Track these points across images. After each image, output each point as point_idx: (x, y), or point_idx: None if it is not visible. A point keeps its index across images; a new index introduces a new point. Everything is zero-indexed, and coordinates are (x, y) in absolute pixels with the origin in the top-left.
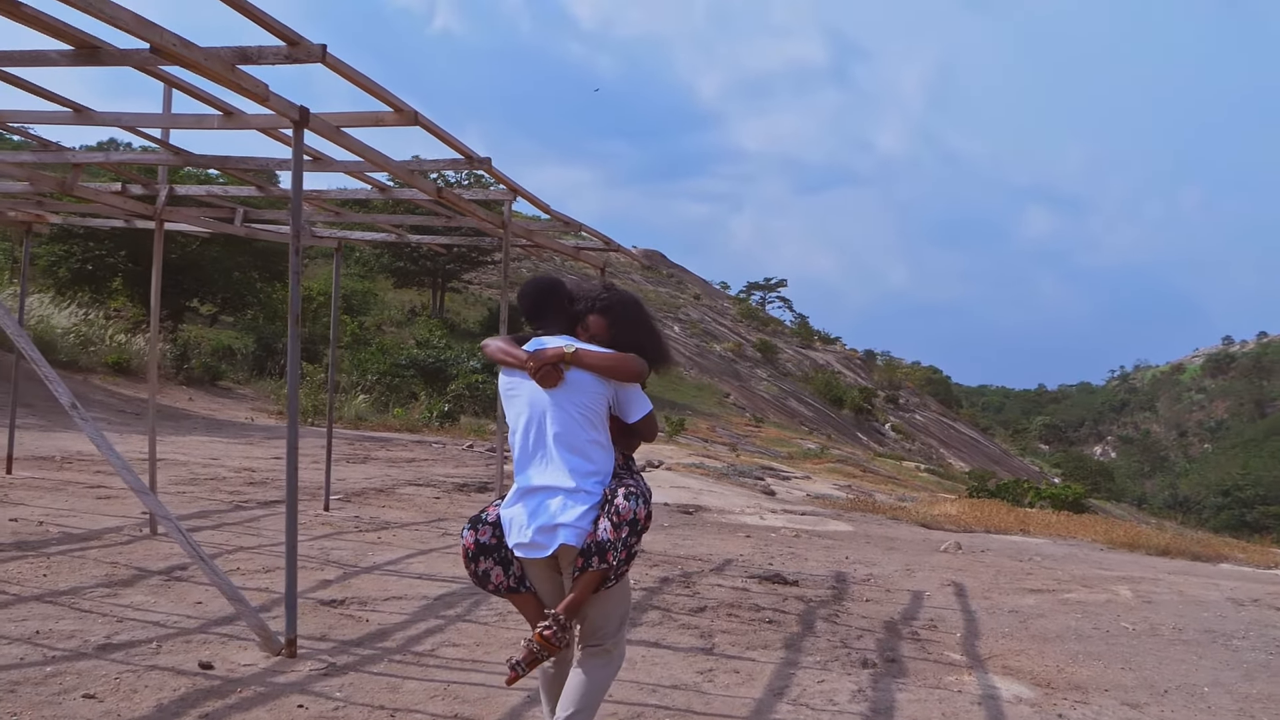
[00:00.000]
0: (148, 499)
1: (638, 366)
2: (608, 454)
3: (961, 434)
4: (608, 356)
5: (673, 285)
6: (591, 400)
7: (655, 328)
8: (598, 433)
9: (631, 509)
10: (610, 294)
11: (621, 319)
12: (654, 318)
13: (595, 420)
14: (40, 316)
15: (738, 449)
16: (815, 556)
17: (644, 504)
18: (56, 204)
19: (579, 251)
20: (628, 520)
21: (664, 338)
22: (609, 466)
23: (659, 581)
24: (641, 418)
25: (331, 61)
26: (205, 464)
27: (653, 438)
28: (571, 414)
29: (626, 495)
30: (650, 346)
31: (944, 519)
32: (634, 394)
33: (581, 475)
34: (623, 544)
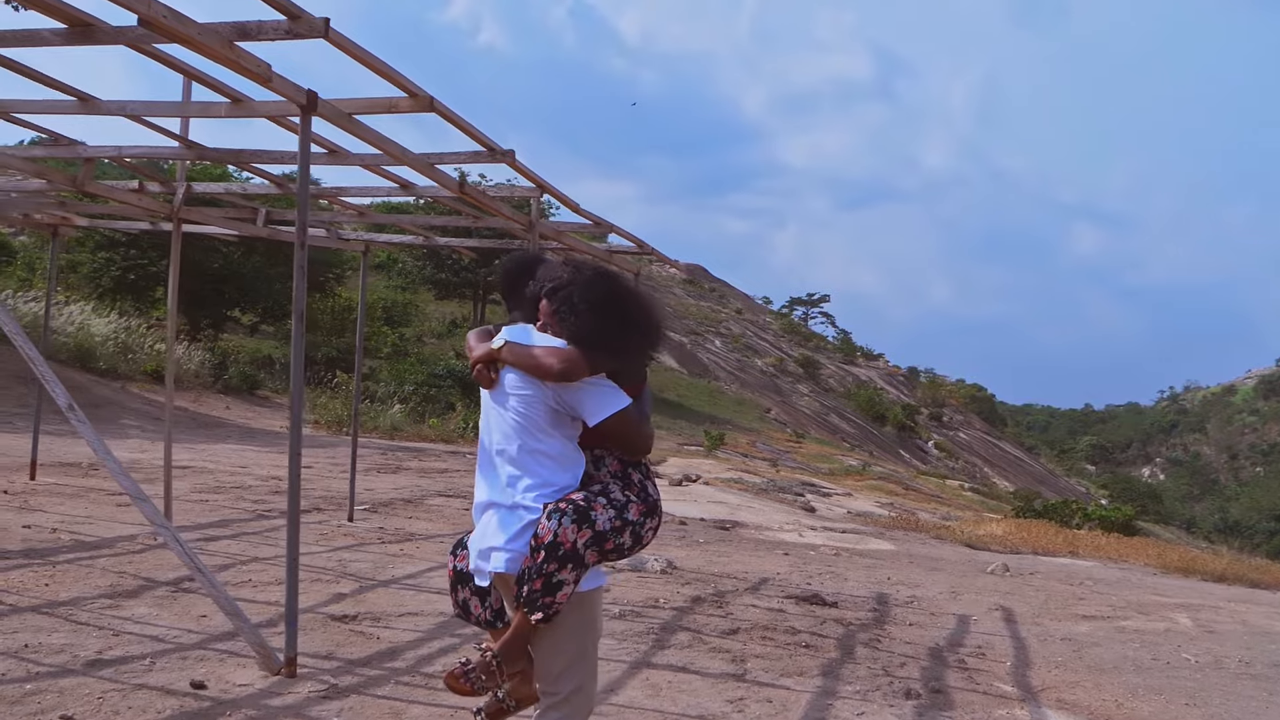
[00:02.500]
0: (144, 506)
1: (557, 363)
2: (560, 464)
3: (1006, 453)
4: (524, 353)
5: (714, 300)
6: (525, 404)
7: (625, 313)
8: (539, 440)
9: (551, 530)
10: (565, 273)
11: (572, 304)
12: (628, 300)
13: (533, 426)
14: (80, 324)
15: (778, 464)
16: (856, 576)
17: (576, 523)
18: (81, 206)
19: (612, 255)
20: (545, 544)
21: (641, 324)
22: (564, 478)
23: (690, 601)
24: (606, 419)
25: (335, 38)
26: (232, 472)
27: (634, 444)
28: (508, 419)
29: (551, 513)
30: (612, 334)
31: (990, 539)
32: (586, 393)
33: (520, 489)
34: (537, 571)
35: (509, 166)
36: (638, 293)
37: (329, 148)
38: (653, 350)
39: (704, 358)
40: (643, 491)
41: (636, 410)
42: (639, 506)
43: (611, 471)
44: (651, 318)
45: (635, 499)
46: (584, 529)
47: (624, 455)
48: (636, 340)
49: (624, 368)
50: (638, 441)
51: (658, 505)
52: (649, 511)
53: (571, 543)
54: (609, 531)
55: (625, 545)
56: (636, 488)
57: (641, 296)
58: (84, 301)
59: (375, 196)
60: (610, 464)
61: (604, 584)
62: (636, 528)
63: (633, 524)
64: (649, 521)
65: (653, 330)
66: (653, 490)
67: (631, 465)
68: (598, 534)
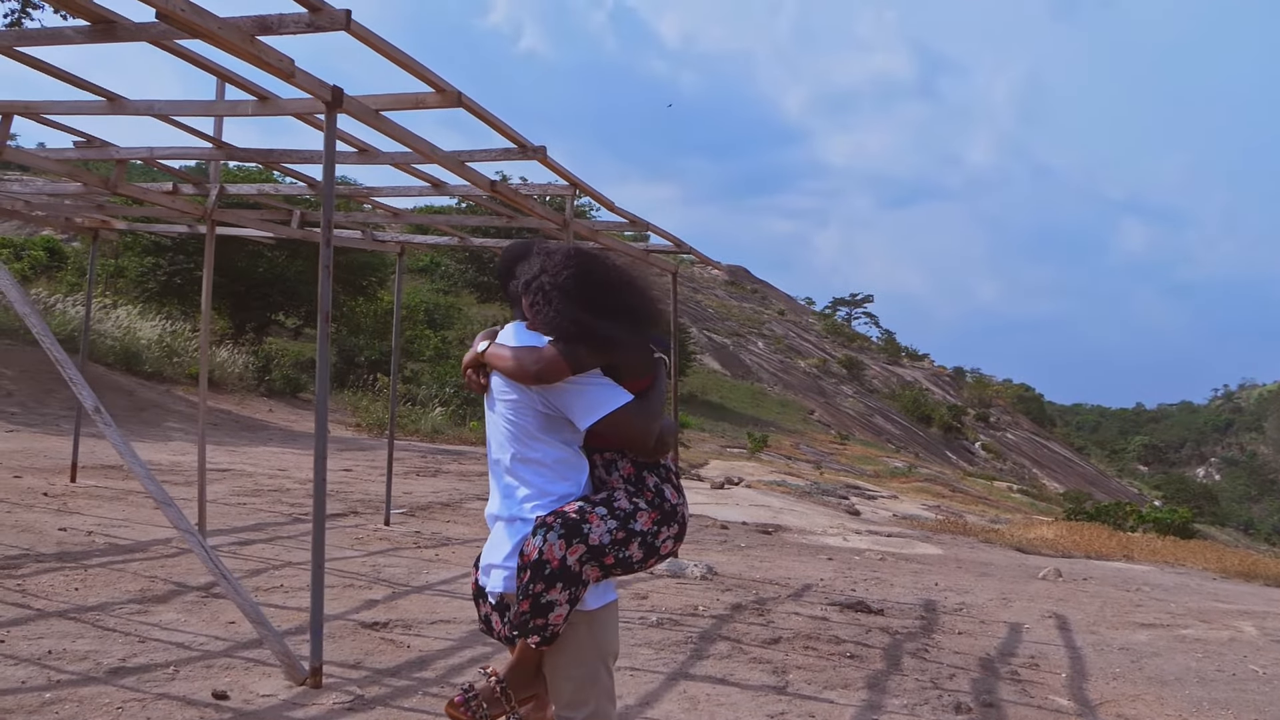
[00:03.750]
0: (169, 511)
1: (531, 365)
2: (557, 472)
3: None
4: (502, 355)
5: (756, 301)
6: (513, 410)
7: (605, 298)
8: (532, 447)
9: (537, 547)
10: (538, 261)
11: (545, 294)
12: (606, 282)
13: (523, 434)
14: (127, 327)
15: (822, 467)
16: (902, 582)
17: (564, 538)
18: (120, 209)
19: (649, 254)
20: (530, 562)
21: (626, 308)
22: (562, 487)
23: (730, 608)
24: (598, 421)
25: (357, 30)
26: (272, 475)
27: (640, 445)
28: (500, 427)
29: (537, 528)
30: (592, 325)
31: (1040, 543)
32: (575, 393)
33: (518, 500)
34: (523, 592)
35: (540, 164)
36: (619, 271)
37: (359, 146)
38: (646, 335)
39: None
40: (658, 497)
41: (640, 408)
42: (650, 515)
43: (624, 476)
44: (638, 299)
45: (646, 506)
46: (575, 544)
47: (637, 457)
48: (624, 327)
49: (620, 360)
50: (643, 442)
51: (675, 512)
52: (664, 519)
53: (559, 560)
54: (608, 545)
55: (633, 558)
56: (651, 493)
57: (624, 275)
58: (130, 305)
59: (407, 196)
60: (623, 467)
61: (614, 599)
62: (647, 538)
63: (642, 534)
64: (664, 530)
65: (642, 313)
66: (671, 495)
67: (648, 468)
68: (593, 548)
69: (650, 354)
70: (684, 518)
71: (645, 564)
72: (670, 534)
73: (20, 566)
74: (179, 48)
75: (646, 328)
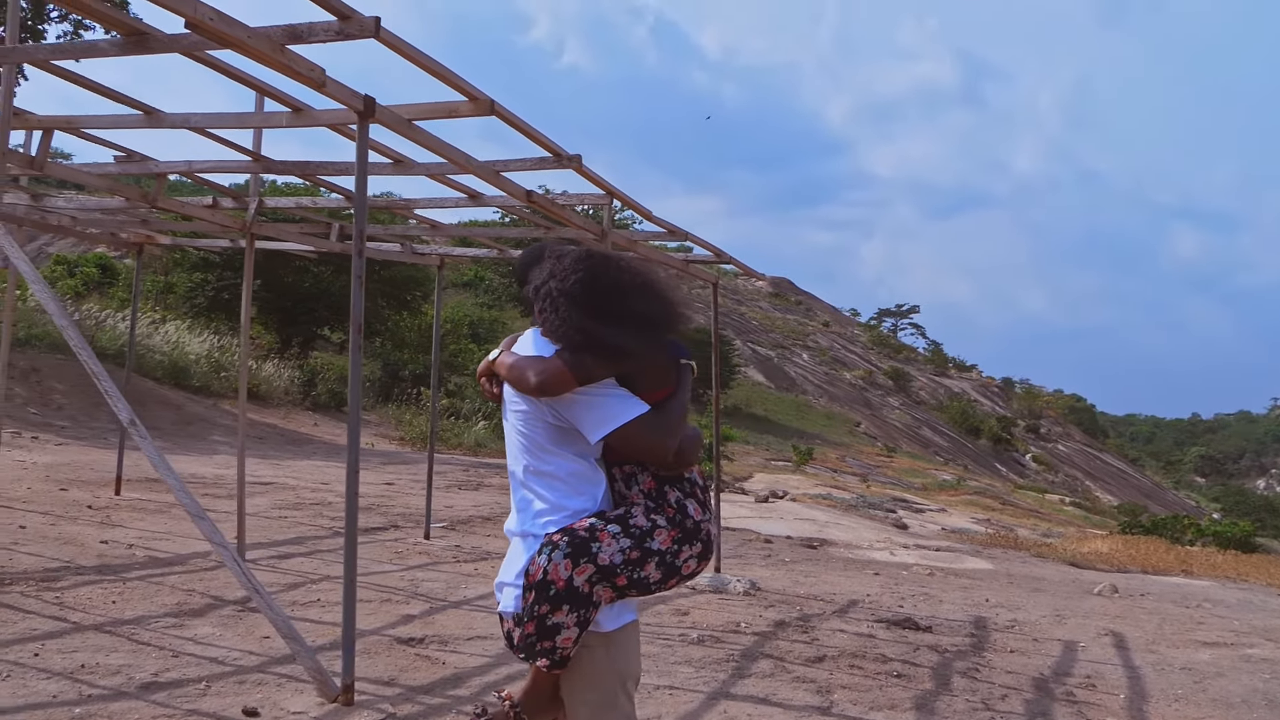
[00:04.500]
0: (202, 524)
1: (534, 376)
2: (571, 486)
3: (1108, 465)
4: (509, 365)
5: (801, 313)
6: (523, 421)
7: (616, 303)
8: (544, 460)
9: (542, 567)
10: (548, 265)
11: (552, 300)
12: (617, 285)
13: (535, 446)
14: (175, 343)
15: (868, 480)
16: (951, 598)
17: (570, 558)
18: (164, 224)
19: (689, 265)
20: (535, 582)
21: (640, 313)
22: (577, 502)
23: (773, 625)
24: (610, 433)
25: (387, 37)
26: (314, 489)
27: (658, 458)
28: (513, 438)
29: (543, 546)
30: (601, 332)
31: (1095, 557)
32: (584, 405)
33: (531, 515)
34: (529, 614)
35: (576, 172)
36: (633, 275)
37: (394, 157)
38: (663, 341)
39: (791, 371)
40: (679, 514)
41: (656, 419)
42: (670, 533)
43: (644, 490)
44: (654, 303)
45: (665, 524)
46: (583, 564)
47: (659, 471)
48: (637, 334)
49: (635, 369)
50: (660, 456)
51: (698, 530)
52: (685, 538)
53: (565, 580)
54: (620, 565)
55: (650, 579)
56: (672, 509)
57: (639, 279)
58: (179, 321)
59: (444, 207)
60: (643, 481)
61: (632, 620)
62: (666, 557)
63: (659, 554)
64: (686, 549)
65: (658, 318)
66: (694, 511)
67: (670, 482)
68: (602, 569)
69: (670, 362)
70: (708, 536)
71: (665, 585)
72: (692, 553)
73: (60, 579)
74: (212, 59)
75: (663, 334)
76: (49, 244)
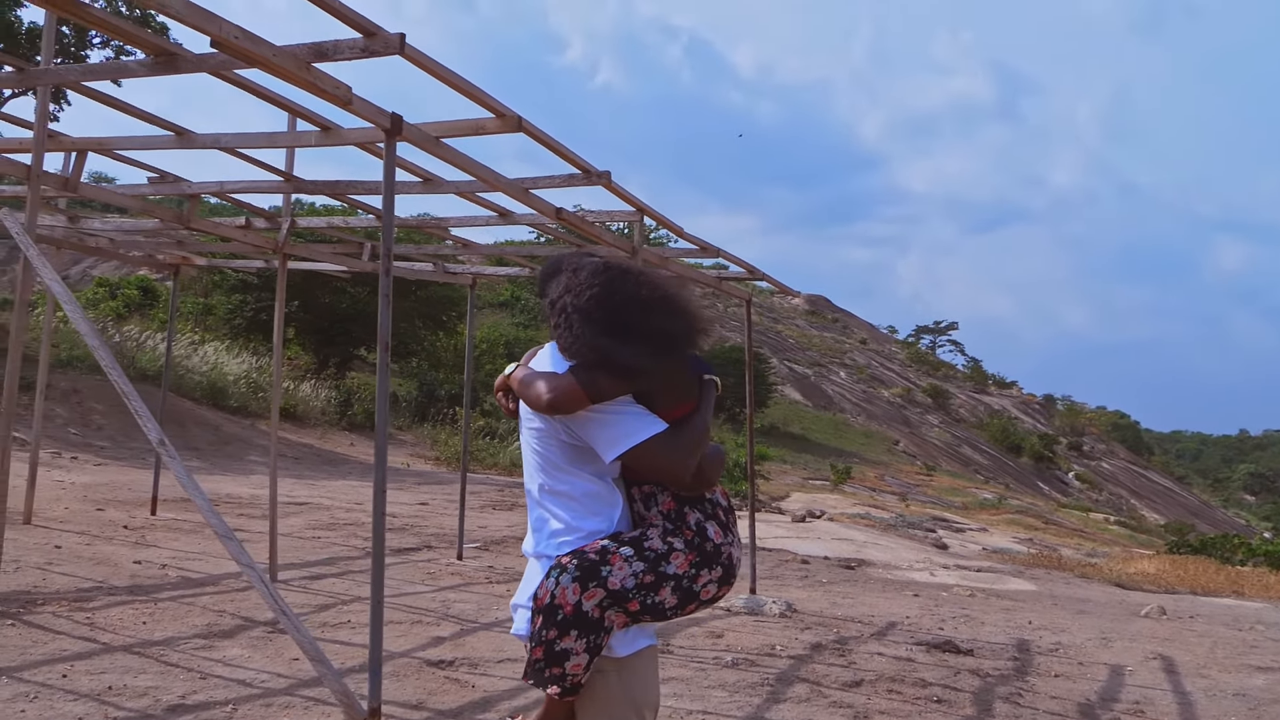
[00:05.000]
0: (230, 544)
1: (545, 393)
2: (586, 506)
3: (1154, 483)
4: (522, 380)
5: (838, 330)
6: (538, 439)
7: (631, 318)
8: (559, 479)
9: (549, 590)
10: (564, 278)
11: (566, 315)
12: (634, 299)
13: (550, 465)
14: (214, 363)
15: (907, 499)
16: (993, 620)
17: (579, 581)
18: (199, 245)
19: (722, 282)
20: (542, 606)
21: (659, 328)
22: (592, 523)
23: (810, 648)
24: (625, 452)
25: (411, 54)
26: (349, 509)
27: (675, 478)
28: (529, 456)
29: (552, 569)
30: (616, 348)
31: (1142, 578)
32: (598, 423)
33: (545, 536)
34: (537, 639)
35: (605, 189)
36: (651, 288)
37: (423, 175)
38: (681, 357)
39: (829, 389)
40: (698, 536)
41: (674, 438)
42: (687, 556)
43: (663, 511)
44: (672, 318)
45: (683, 547)
46: (592, 588)
47: (680, 491)
48: (654, 351)
49: (651, 386)
50: (678, 476)
51: (719, 553)
52: (704, 561)
53: (573, 605)
54: (632, 590)
55: (665, 604)
56: (691, 531)
57: (656, 293)
58: (218, 342)
59: (475, 225)
60: (663, 502)
61: (649, 645)
62: (683, 582)
63: (676, 578)
64: (704, 573)
65: (677, 334)
66: (715, 534)
67: (691, 503)
68: (613, 593)
69: (691, 377)
70: (730, 559)
71: (683, 610)
72: (712, 578)
73: (92, 599)
74: (241, 79)
75: (683, 350)
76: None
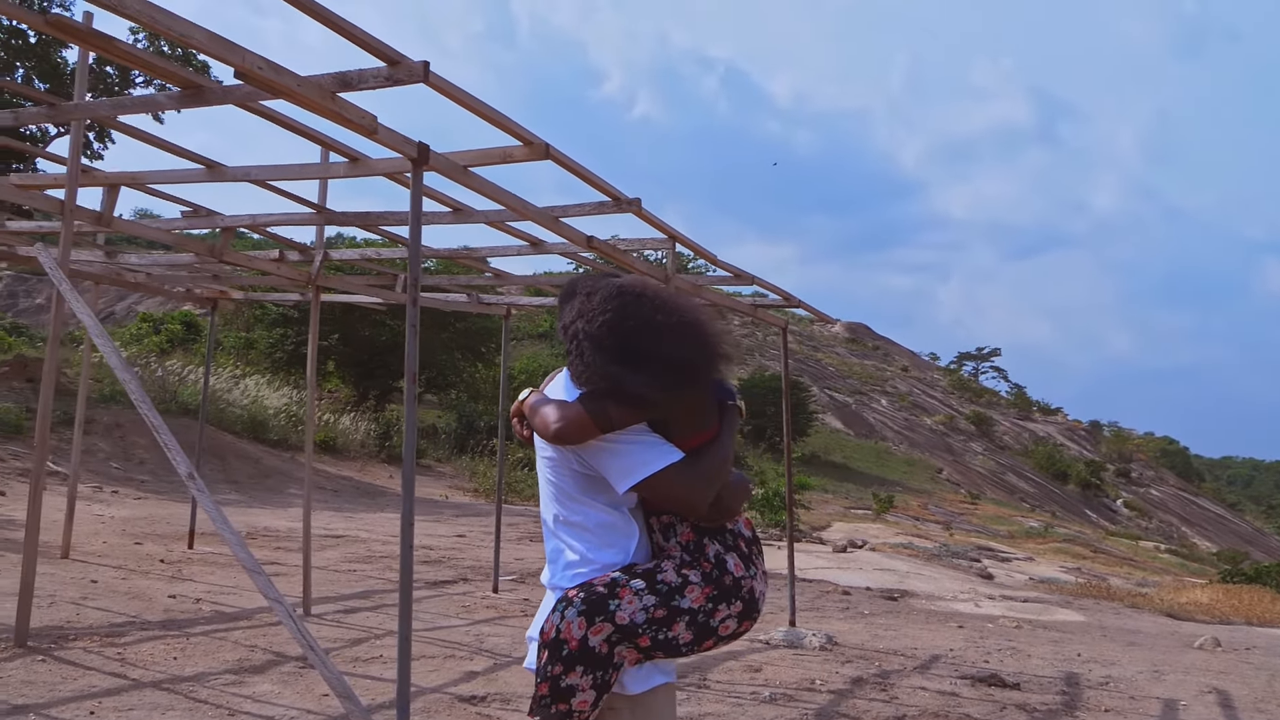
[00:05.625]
0: (258, 579)
1: (552, 422)
2: (600, 537)
3: (1205, 510)
4: (533, 408)
5: (879, 358)
6: (551, 468)
7: (642, 344)
8: (572, 509)
9: (555, 625)
10: (580, 304)
11: (578, 342)
12: (649, 324)
13: (563, 495)
14: (254, 397)
15: (952, 527)
16: (1040, 652)
17: (585, 615)
18: (236, 279)
19: (757, 309)
20: (548, 641)
21: (675, 354)
22: (607, 555)
23: (850, 682)
24: (638, 484)
25: (436, 82)
26: (385, 541)
27: (691, 508)
28: (544, 486)
29: (559, 603)
30: (627, 376)
31: (1194, 608)
32: (607, 453)
33: (560, 567)
34: (542, 674)
35: (636, 215)
36: (667, 313)
37: (453, 205)
38: (699, 384)
39: (870, 418)
40: (717, 569)
41: (689, 468)
42: (703, 590)
43: (681, 543)
44: (688, 345)
45: (699, 580)
46: (599, 623)
47: (699, 522)
48: (668, 378)
49: (671, 413)
50: (694, 507)
51: (739, 587)
52: (722, 596)
53: (579, 640)
54: (642, 625)
55: (679, 640)
56: (709, 564)
57: (672, 318)
58: (260, 375)
59: (506, 255)
60: (681, 533)
61: (663, 683)
62: (698, 617)
63: (690, 612)
64: (722, 608)
65: (693, 361)
66: (735, 566)
67: (711, 534)
68: (621, 628)
69: (711, 404)
70: (752, 593)
71: (699, 647)
72: (731, 613)
73: (124, 634)
74: (268, 110)
75: (700, 379)
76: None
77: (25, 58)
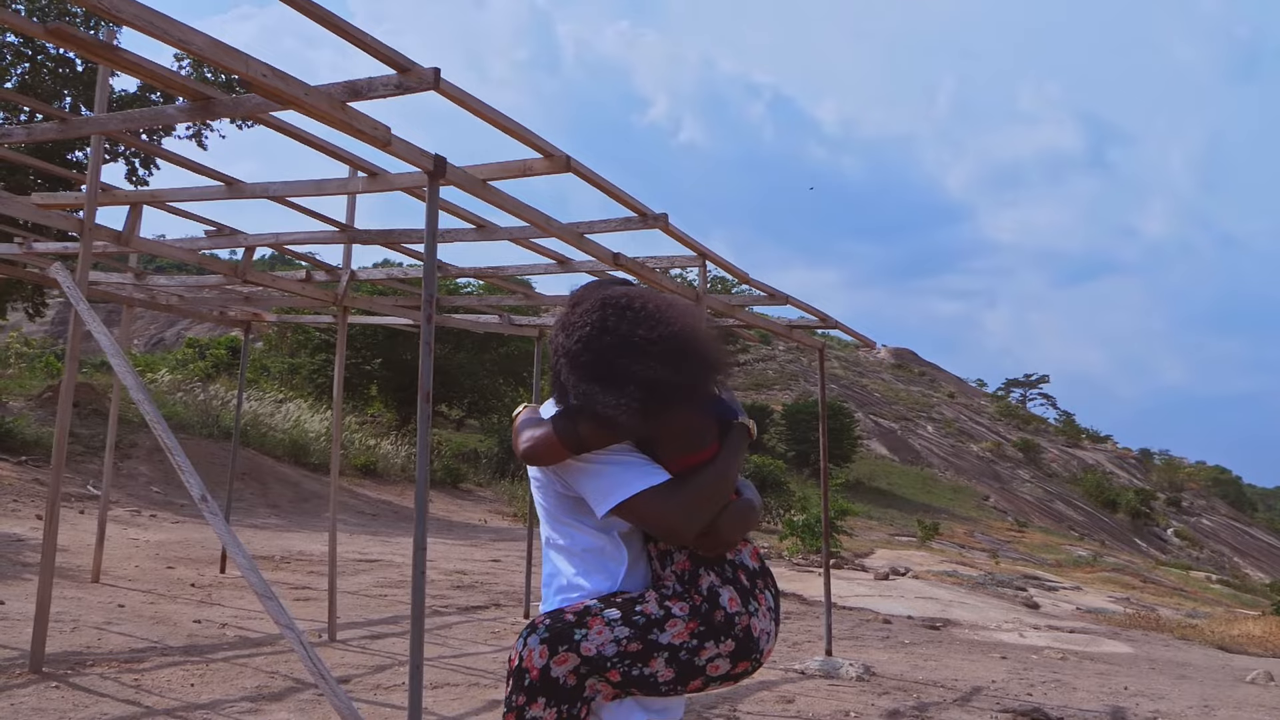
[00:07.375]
0: (270, 605)
1: (522, 442)
2: (588, 562)
3: (1258, 540)
4: (515, 427)
5: (925, 384)
6: (539, 490)
7: (620, 361)
8: (559, 533)
9: (518, 652)
10: (564, 316)
11: (556, 361)
12: (629, 339)
13: (550, 518)
14: (296, 421)
15: (998, 556)
16: (1086, 685)
17: (548, 644)
18: (268, 301)
19: (792, 330)
20: (512, 670)
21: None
22: (595, 581)
23: (886, 715)
24: (617, 507)
25: (447, 89)
26: None
27: (676, 535)
28: (539, 510)
29: (524, 631)
30: (600, 395)
31: (1246, 640)
32: (585, 474)
33: (551, 592)
34: (508, 704)
35: (663, 232)
36: (652, 325)
37: (476, 222)
38: (690, 401)
39: (915, 444)
40: (708, 604)
41: (671, 492)
42: (687, 625)
43: (676, 572)
44: (673, 360)
45: (683, 614)
46: (563, 652)
47: (705, 549)
48: (647, 397)
49: (655, 432)
50: (677, 533)
51: (730, 624)
52: (710, 633)
53: (539, 669)
54: (612, 657)
55: (657, 677)
56: (700, 597)
57: (660, 329)
58: (303, 399)
59: (534, 274)
60: (678, 561)
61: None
62: (679, 654)
63: (669, 649)
64: (709, 646)
65: (677, 379)
66: (730, 602)
67: (708, 564)
68: (587, 659)
69: (705, 424)
70: (748, 632)
71: (684, 687)
72: (721, 652)
73: (144, 660)
74: (279, 121)
75: (684, 398)
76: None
77: (72, 86)
